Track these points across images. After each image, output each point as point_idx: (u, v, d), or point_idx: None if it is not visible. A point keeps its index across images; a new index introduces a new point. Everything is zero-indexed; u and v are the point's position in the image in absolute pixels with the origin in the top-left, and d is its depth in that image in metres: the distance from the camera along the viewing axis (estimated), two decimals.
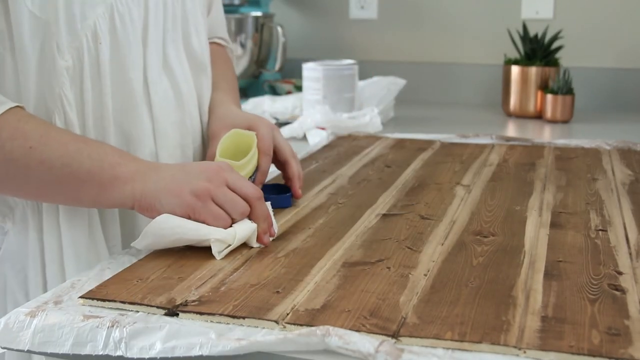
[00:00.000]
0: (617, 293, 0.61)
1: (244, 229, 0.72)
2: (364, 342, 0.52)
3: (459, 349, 0.52)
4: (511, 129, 1.55)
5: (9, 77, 0.74)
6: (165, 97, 0.84)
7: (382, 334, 0.54)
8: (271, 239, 0.75)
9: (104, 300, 0.60)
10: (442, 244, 0.73)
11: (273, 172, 0.96)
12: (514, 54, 1.72)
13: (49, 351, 0.57)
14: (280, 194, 0.89)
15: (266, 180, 0.90)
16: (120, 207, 0.74)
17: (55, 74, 0.74)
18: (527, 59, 1.67)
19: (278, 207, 0.85)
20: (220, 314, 0.57)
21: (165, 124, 0.84)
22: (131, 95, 0.80)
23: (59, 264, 0.77)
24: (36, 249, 0.78)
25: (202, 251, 0.71)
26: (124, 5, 0.78)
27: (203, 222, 0.70)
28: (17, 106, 0.71)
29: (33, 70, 0.73)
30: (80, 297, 0.61)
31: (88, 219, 0.79)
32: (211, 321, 0.57)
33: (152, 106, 0.83)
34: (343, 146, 1.23)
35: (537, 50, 1.66)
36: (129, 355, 0.55)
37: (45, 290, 0.77)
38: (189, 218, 0.70)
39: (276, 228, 0.76)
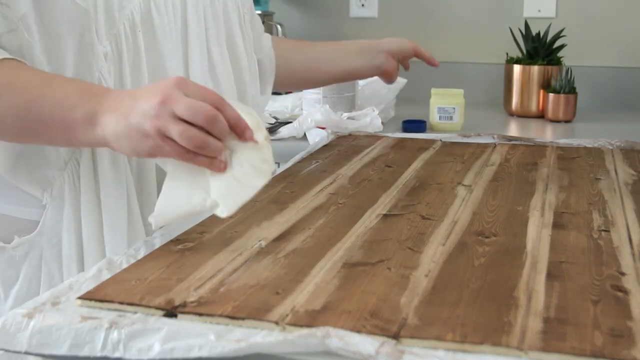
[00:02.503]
0: (620, 294, 0.60)
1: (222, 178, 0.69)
2: (365, 343, 0.51)
3: (460, 350, 0.52)
4: (513, 129, 1.54)
5: (38, 62, 0.77)
6: None
7: (382, 335, 0.53)
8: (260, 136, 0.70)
9: (102, 301, 0.60)
10: (443, 245, 0.73)
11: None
12: (516, 53, 1.72)
13: (46, 353, 0.57)
14: None
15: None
16: (96, 147, 0.76)
17: (94, 59, 0.78)
18: (529, 58, 1.67)
19: (415, 131, 1.23)
20: (220, 315, 0.57)
21: None
22: None
23: (98, 240, 0.81)
24: (71, 224, 0.81)
25: (202, 252, 0.71)
26: None
27: (177, 159, 0.69)
28: (8, 59, 0.73)
29: (70, 56, 0.77)
30: (78, 298, 0.61)
31: (127, 198, 0.82)
32: (210, 322, 0.57)
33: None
34: (343, 146, 1.22)
35: (540, 49, 1.65)
36: (127, 356, 0.55)
37: (80, 265, 0.81)
38: (152, 157, 0.70)
39: (263, 134, 0.70)
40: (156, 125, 0.67)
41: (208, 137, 0.67)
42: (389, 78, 1.23)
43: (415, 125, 1.46)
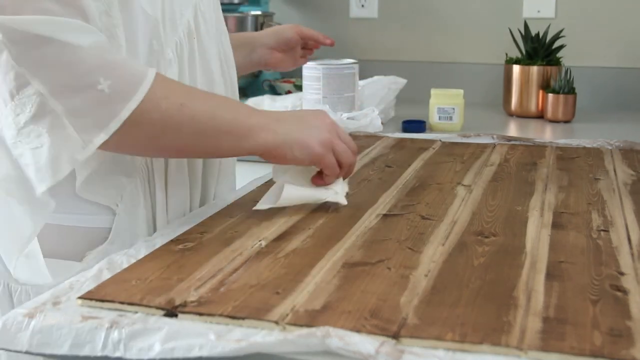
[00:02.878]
0: (619, 294, 0.60)
1: (340, 187, 0.86)
2: (365, 343, 0.51)
3: (460, 350, 0.52)
4: (512, 129, 1.54)
5: None
6: (221, 86, 0.94)
7: (382, 335, 0.53)
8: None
9: (102, 301, 0.60)
10: (443, 245, 0.73)
11: None
12: (516, 53, 1.72)
13: (47, 352, 0.57)
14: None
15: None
16: (252, 154, 0.80)
17: (163, 66, 0.82)
18: (528, 58, 1.67)
19: (415, 131, 1.32)
20: (220, 315, 0.57)
21: None
22: (212, 85, 0.90)
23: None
24: (144, 228, 0.84)
25: (202, 252, 0.71)
26: (204, 5, 0.89)
27: (325, 169, 0.82)
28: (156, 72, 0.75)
29: (145, 62, 0.80)
30: (79, 297, 0.61)
31: (189, 200, 0.89)
32: (210, 322, 0.57)
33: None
34: None
35: (539, 50, 1.65)
36: (127, 356, 0.55)
37: None
38: (312, 164, 0.82)
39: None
40: (328, 138, 0.81)
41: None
42: (275, 69, 1.23)
43: (415, 125, 1.46)
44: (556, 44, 1.66)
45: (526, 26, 1.68)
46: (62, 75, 0.69)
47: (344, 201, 0.86)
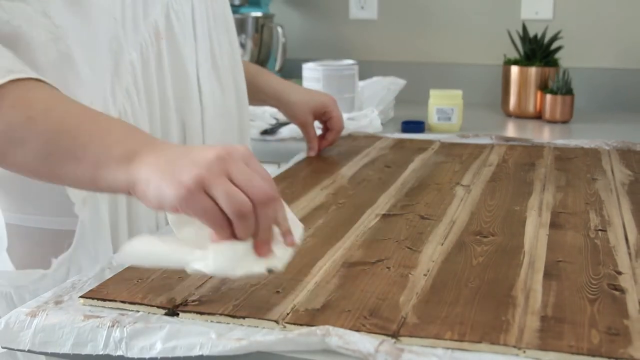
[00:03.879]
0: (617, 293, 0.61)
1: (227, 254, 0.58)
2: (364, 342, 0.52)
3: (459, 349, 0.52)
4: (511, 129, 1.55)
5: (80, 69, 0.77)
6: (212, 89, 0.94)
7: (382, 334, 0.54)
8: (289, 249, 0.60)
9: (104, 300, 0.60)
10: (442, 244, 0.73)
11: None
12: (514, 54, 1.72)
13: (49, 351, 0.57)
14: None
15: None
16: (115, 192, 0.64)
17: (124, 66, 0.80)
18: (526, 59, 1.67)
19: (414, 132, 1.33)
20: (221, 314, 0.57)
21: (212, 114, 0.93)
22: (187, 86, 0.88)
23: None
24: (107, 232, 0.81)
25: None
26: (178, 4, 0.86)
27: (192, 216, 0.58)
28: (34, 78, 0.66)
29: (105, 63, 0.79)
30: (81, 297, 0.61)
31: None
32: (211, 321, 0.57)
33: (202, 96, 0.92)
34: (343, 146, 1.23)
35: (537, 51, 1.66)
36: (129, 355, 0.55)
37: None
38: (176, 211, 0.58)
39: (299, 236, 0.62)
40: (200, 175, 0.56)
41: (252, 211, 0.57)
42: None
43: (414, 126, 1.47)
44: (554, 45, 1.66)
45: (524, 27, 1.68)
46: None
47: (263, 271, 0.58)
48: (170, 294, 0.61)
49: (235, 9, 1.86)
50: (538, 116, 1.66)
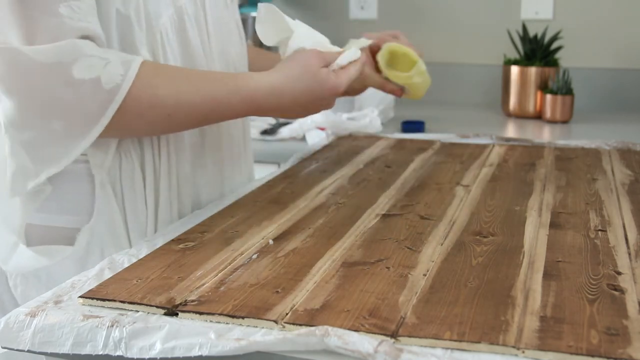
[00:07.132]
0: (616, 293, 0.61)
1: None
2: (363, 342, 0.52)
3: (458, 349, 0.52)
4: (511, 129, 1.55)
5: None
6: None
7: (381, 334, 0.54)
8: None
9: (103, 300, 0.60)
10: (442, 244, 0.74)
11: None
12: (514, 54, 1.72)
13: (49, 351, 0.57)
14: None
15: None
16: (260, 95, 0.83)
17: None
18: (526, 59, 1.68)
19: (414, 132, 1.35)
20: (220, 314, 0.57)
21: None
22: None
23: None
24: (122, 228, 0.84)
25: (203, 251, 0.71)
26: (190, 7, 0.87)
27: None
28: (143, 61, 0.76)
29: None
30: (80, 296, 0.61)
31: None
32: (211, 321, 0.57)
33: None
34: (343, 146, 1.23)
35: (537, 51, 1.66)
36: (128, 355, 0.55)
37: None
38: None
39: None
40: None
41: None
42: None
43: (414, 126, 1.47)
44: (554, 45, 1.67)
45: (524, 27, 1.68)
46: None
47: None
48: (170, 294, 0.61)
49: None
50: (538, 116, 1.66)
